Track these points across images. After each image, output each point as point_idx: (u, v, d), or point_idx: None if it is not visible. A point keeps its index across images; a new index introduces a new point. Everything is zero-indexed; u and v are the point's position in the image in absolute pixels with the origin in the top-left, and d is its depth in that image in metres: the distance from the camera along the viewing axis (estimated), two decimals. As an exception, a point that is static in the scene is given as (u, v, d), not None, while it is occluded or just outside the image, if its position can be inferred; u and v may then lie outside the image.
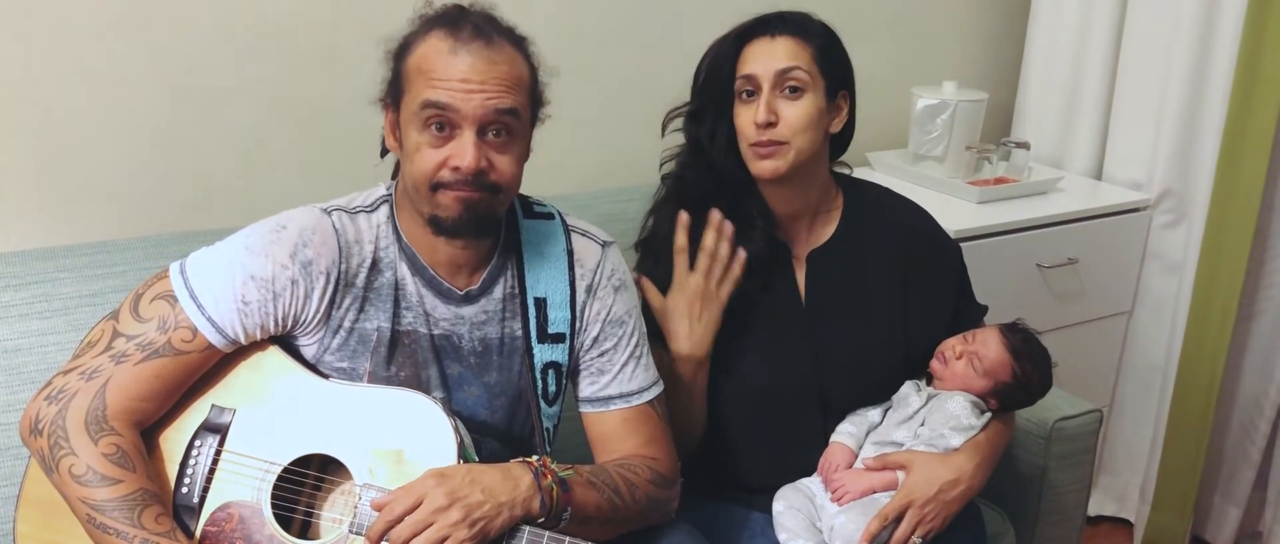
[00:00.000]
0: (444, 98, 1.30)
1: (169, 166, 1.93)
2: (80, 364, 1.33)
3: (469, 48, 1.31)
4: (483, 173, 1.32)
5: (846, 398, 1.71)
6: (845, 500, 1.61)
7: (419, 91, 1.31)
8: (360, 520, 1.31)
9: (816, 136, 1.60)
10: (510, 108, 1.33)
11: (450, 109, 1.30)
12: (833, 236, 1.72)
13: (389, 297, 1.42)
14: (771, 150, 1.58)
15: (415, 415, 1.36)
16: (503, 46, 1.34)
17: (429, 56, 1.32)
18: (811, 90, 1.58)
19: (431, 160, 1.32)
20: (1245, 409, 2.62)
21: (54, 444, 1.29)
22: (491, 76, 1.31)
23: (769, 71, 1.57)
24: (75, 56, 1.81)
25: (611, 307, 1.50)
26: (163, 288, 1.36)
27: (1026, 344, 1.71)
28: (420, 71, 1.32)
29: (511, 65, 1.34)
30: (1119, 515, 2.81)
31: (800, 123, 1.57)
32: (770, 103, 1.57)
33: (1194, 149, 2.49)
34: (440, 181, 1.33)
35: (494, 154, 1.34)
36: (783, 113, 1.57)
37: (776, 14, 1.61)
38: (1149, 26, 2.53)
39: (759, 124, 1.56)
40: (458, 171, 1.31)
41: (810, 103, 1.58)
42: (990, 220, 2.33)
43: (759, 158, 1.59)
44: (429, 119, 1.31)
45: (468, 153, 1.31)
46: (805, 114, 1.57)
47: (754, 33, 1.60)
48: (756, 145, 1.58)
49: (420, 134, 1.32)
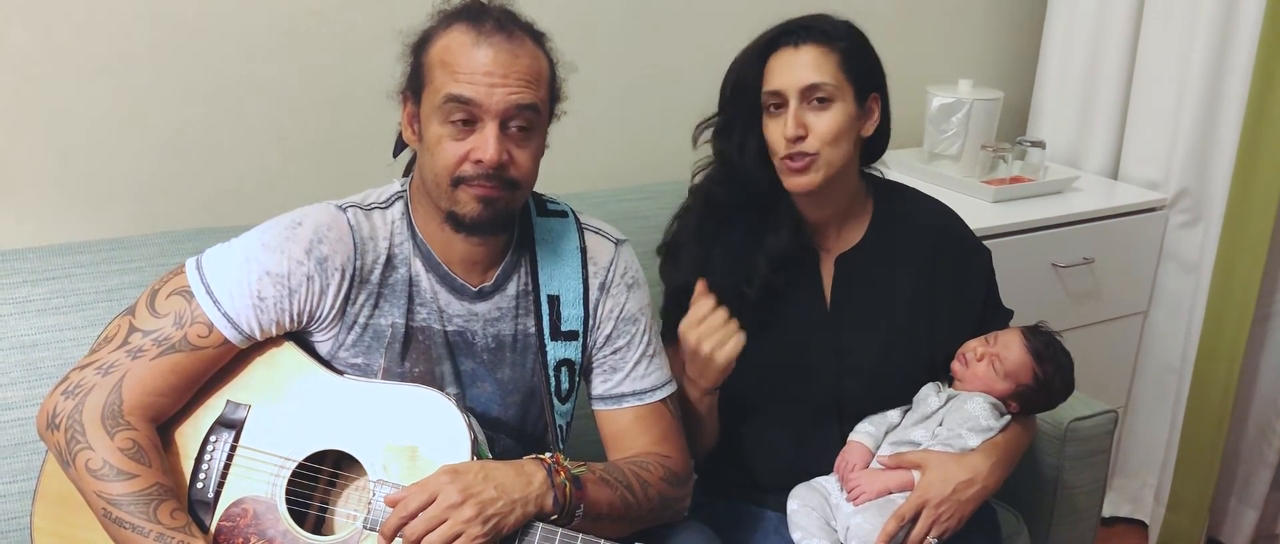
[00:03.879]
0: (468, 91, 1.30)
1: (185, 163, 1.94)
2: (97, 359, 1.34)
3: (491, 41, 1.32)
4: (503, 167, 1.33)
5: (867, 401, 1.70)
6: (861, 501, 1.60)
7: (441, 84, 1.32)
8: (374, 516, 1.32)
9: (847, 146, 1.58)
10: (531, 103, 1.33)
11: (473, 103, 1.31)
12: (862, 240, 1.70)
13: (403, 293, 1.42)
14: (803, 163, 1.57)
15: (430, 412, 1.36)
16: (524, 41, 1.34)
17: (452, 48, 1.33)
18: (840, 99, 1.56)
19: (453, 153, 1.33)
20: (1262, 410, 2.61)
21: (71, 439, 1.30)
22: (514, 70, 1.32)
23: (795, 86, 1.55)
24: (92, 54, 1.82)
25: (625, 304, 1.50)
26: (179, 284, 1.36)
27: (1049, 347, 1.70)
28: (443, 64, 1.33)
29: (533, 59, 1.35)
30: (1134, 517, 2.80)
31: (830, 134, 1.55)
32: (798, 116, 1.55)
33: (1211, 149, 2.48)
34: (462, 176, 1.33)
35: (514, 148, 1.34)
36: (811, 125, 1.55)
37: (799, 22, 1.59)
38: (1166, 25, 2.52)
39: (788, 138, 1.55)
40: (479, 164, 1.32)
41: (839, 112, 1.56)
42: (1005, 220, 2.32)
43: (791, 173, 1.58)
44: (451, 112, 1.32)
45: (490, 145, 1.31)
46: (834, 125, 1.56)
47: (778, 43, 1.58)
48: (787, 159, 1.57)
49: (442, 126, 1.33)
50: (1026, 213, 2.37)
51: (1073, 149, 2.73)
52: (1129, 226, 2.51)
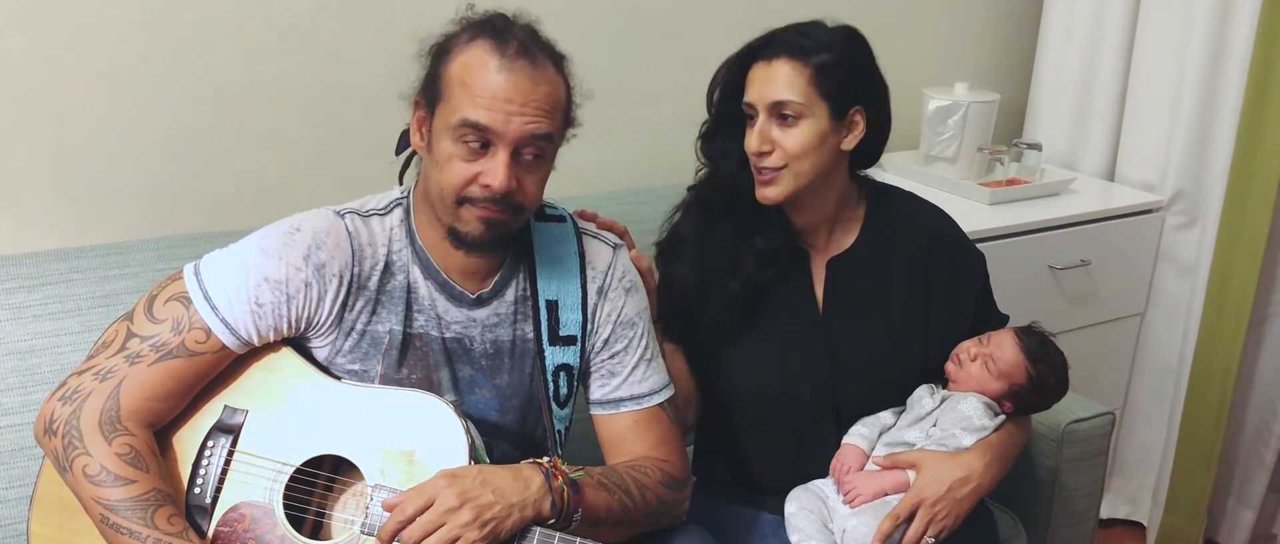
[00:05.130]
0: (484, 118, 1.29)
1: (184, 168, 1.94)
2: (94, 365, 1.34)
3: (513, 67, 1.30)
4: (510, 193, 1.33)
5: (862, 403, 1.70)
6: (857, 503, 1.60)
7: (458, 105, 1.31)
8: (371, 521, 1.32)
9: (819, 160, 1.58)
10: (546, 133, 1.33)
11: (489, 129, 1.30)
12: (854, 244, 1.71)
13: (401, 299, 1.42)
14: (768, 177, 1.58)
15: (427, 417, 1.36)
16: (545, 68, 1.33)
17: (473, 69, 1.31)
18: (809, 116, 1.55)
19: (462, 174, 1.32)
20: (1259, 412, 2.61)
21: (68, 444, 1.30)
22: (533, 99, 1.31)
23: (763, 101, 1.56)
24: (91, 58, 1.82)
25: (622, 308, 1.51)
26: (177, 289, 1.36)
27: (1042, 347, 1.70)
28: (462, 84, 1.31)
29: (552, 88, 1.34)
30: (1132, 518, 2.80)
31: (796, 150, 1.56)
32: (764, 131, 1.56)
33: (1207, 150, 2.48)
34: (468, 197, 1.33)
35: (524, 175, 1.34)
36: (779, 140, 1.56)
37: (777, 35, 1.58)
38: (1162, 27, 2.52)
39: (752, 152, 1.57)
40: (487, 189, 1.32)
41: (807, 129, 1.55)
42: (1002, 222, 2.32)
43: (759, 184, 1.60)
44: (465, 134, 1.31)
45: (499, 173, 1.31)
46: (801, 141, 1.55)
47: (755, 56, 1.58)
48: (757, 170, 1.59)
49: (454, 146, 1.32)
50: (1023, 215, 2.38)
51: (1069, 151, 2.73)
52: (1126, 228, 2.51)
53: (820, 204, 1.66)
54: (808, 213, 1.67)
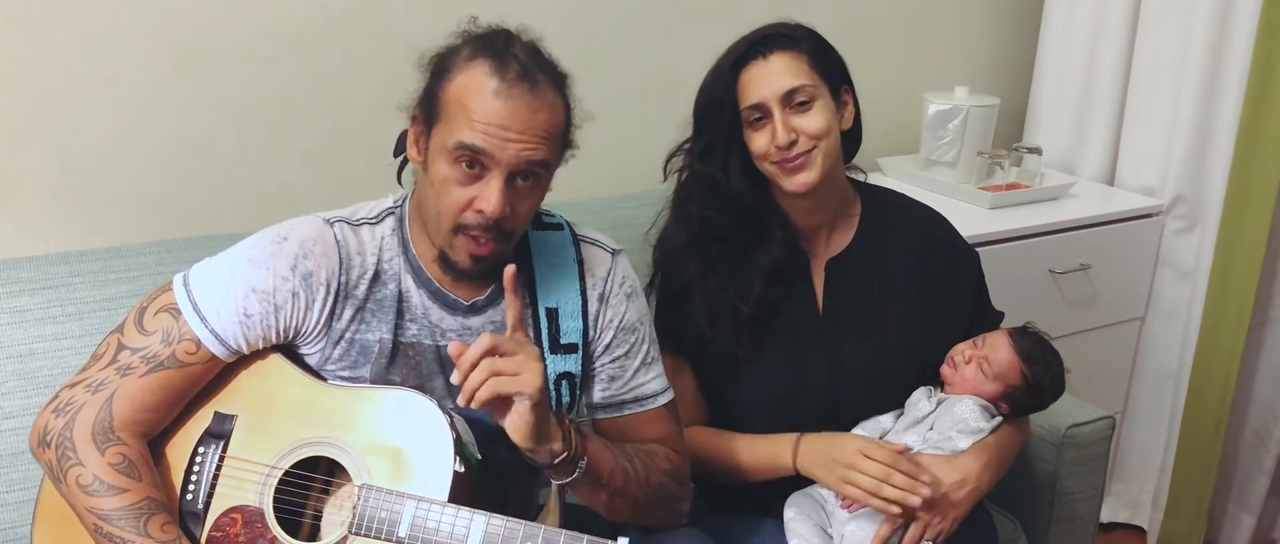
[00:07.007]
0: (480, 141, 1.28)
1: (184, 173, 1.95)
2: (87, 377, 1.34)
3: (513, 92, 1.28)
4: (502, 219, 1.32)
5: (861, 406, 1.70)
6: (854, 507, 1.61)
7: (455, 128, 1.30)
8: (360, 520, 1.32)
9: (837, 138, 1.60)
10: (543, 159, 1.32)
11: (485, 153, 1.29)
12: (851, 244, 1.71)
13: (391, 308, 1.42)
14: (800, 161, 1.57)
15: (412, 413, 1.36)
16: (545, 92, 1.31)
17: (471, 91, 1.29)
18: (820, 97, 1.57)
19: (457, 199, 1.32)
20: (1259, 416, 2.61)
21: (62, 455, 1.31)
22: (531, 126, 1.29)
23: (774, 94, 1.56)
24: (93, 64, 1.83)
25: (624, 313, 1.51)
26: (167, 301, 1.37)
27: (1037, 347, 1.70)
28: (460, 106, 1.30)
29: (551, 113, 1.32)
30: (1132, 522, 2.80)
31: (819, 129, 1.56)
32: (785, 122, 1.56)
33: (1207, 154, 2.48)
34: (463, 224, 1.33)
35: (517, 200, 1.33)
36: (800, 127, 1.56)
37: (761, 34, 1.59)
38: (1162, 31, 2.52)
39: (781, 146, 1.56)
40: (481, 213, 1.31)
41: (822, 109, 1.57)
42: (1002, 226, 2.32)
43: (790, 173, 1.58)
44: (461, 157, 1.30)
45: (493, 198, 1.30)
46: (822, 120, 1.57)
47: (746, 58, 1.58)
48: (782, 162, 1.57)
49: (450, 168, 1.31)
50: (1023, 219, 2.38)
51: (1069, 155, 2.73)
52: (1125, 232, 2.51)
53: (832, 196, 1.67)
54: (815, 210, 1.67)
